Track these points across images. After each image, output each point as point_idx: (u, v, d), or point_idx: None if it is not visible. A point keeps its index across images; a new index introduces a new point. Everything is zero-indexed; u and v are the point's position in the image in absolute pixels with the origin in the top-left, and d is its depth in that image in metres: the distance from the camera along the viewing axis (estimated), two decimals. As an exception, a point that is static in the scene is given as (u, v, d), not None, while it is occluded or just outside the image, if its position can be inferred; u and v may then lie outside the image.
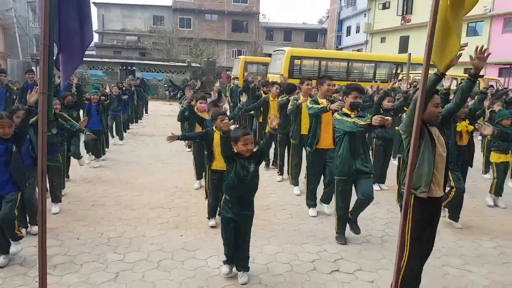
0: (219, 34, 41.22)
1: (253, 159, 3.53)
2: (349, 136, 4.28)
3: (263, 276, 3.67)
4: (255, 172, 3.54)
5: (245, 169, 3.47)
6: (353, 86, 4.47)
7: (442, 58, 2.44)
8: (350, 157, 4.29)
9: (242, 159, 3.49)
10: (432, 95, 3.01)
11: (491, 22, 25.19)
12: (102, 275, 3.60)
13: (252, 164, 3.52)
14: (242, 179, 3.46)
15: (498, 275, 3.88)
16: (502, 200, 6.10)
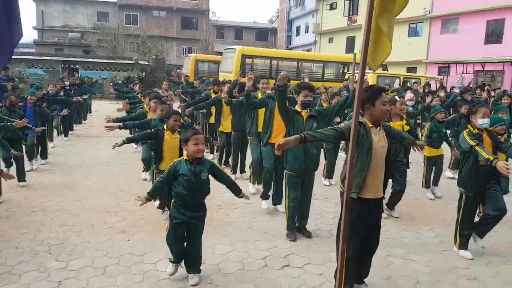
0: (167, 31, 40.41)
1: (207, 169, 3.45)
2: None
3: (214, 277, 3.64)
4: (207, 180, 3.47)
5: (197, 176, 3.38)
6: (303, 84, 4.55)
7: (375, 58, 2.53)
8: (303, 154, 4.39)
9: (193, 165, 3.39)
10: (380, 93, 3.08)
11: (431, 23, 26.67)
12: (44, 285, 3.41)
13: (205, 173, 3.43)
14: (193, 187, 3.37)
15: (438, 263, 4.11)
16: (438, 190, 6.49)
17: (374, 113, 3.07)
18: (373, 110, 3.06)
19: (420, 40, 27.44)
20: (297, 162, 4.41)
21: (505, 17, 22.11)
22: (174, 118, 4.52)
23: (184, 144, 3.41)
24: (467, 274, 3.88)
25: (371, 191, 3.10)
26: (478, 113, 4.17)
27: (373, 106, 3.05)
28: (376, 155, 3.06)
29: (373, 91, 3.08)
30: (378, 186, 3.14)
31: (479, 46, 23.13)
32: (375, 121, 3.11)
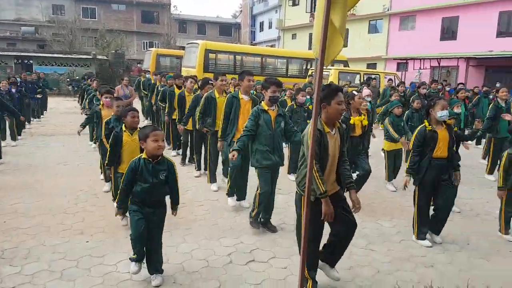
0: (127, 25, 39.34)
1: (165, 164, 3.35)
2: (270, 133, 4.42)
3: (178, 276, 3.59)
4: (165, 180, 3.37)
5: (155, 176, 3.29)
6: (271, 80, 4.56)
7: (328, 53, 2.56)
8: (269, 151, 4.44)
9: (150, 164, 3.29)
10: (336, 93, 3.12)
11: (390, 20, 27.45)
12: (-5, 292, 3.23)
13: (164, 172, 3.33)
14: (151, 187, 3.28)
15: (396, 252, 4.25)
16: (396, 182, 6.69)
17: (330, 111, 3.13)
18: (328, 108, 3.12)
19: (380, 37, 28.21)
20: (267, 159, 4.45)
21: (459, 15, 23.12)
22: (132, 115, 4.33)
23: (143, 142, 3.30)
24: (425, 262, 4.03)
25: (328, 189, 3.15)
26: (437, 106, 4.29)
27: (329, 105, 3.11)
28: (331, 159, 3.15)
29: (329, 90, 3.13)
30: (333, 184, 3.27)
31: (435, 42, 24.09)
32: (330, 120, 3.17)
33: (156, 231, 3.45)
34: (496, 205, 5.74)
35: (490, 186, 6.99)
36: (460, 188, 5.66)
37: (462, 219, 5.30)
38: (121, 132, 4.35)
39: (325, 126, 3.14)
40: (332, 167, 3.22)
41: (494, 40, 21.36)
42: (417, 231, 4.49)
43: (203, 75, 14.28)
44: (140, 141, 3.34)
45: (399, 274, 3.75)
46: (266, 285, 3.49)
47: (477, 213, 5.57)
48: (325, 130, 3.12)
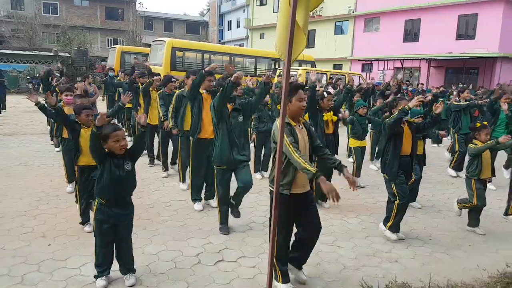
0: (91, 21, 38.24)
1: (128, 157, 3.29)
2: (226, 126, 4.37)
3: (144, 278, 3.51)
4: (132, 171, 3.31)
5: (120, 168, 3.21)
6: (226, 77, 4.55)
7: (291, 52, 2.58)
8: (228, 147, 4.37)
9: (116, 158, 3.23)
10: (296, 90, 3.18)
11: (355, 21, 28.07)
12: (-51, 300, 3.06)
13: (128, 163, 3.27)
14: (117, 181, 3.20)
15: (362, 248, 4.36)
16: (362, 180, 6.87)
17: (292, 108, 3.19)
18: (290, 106, 3.18)
19: (345, 38, 28.81)
20: (223, 156, 4.39)
21: (421, 17, 23.96)
22: (86, 113, 4.26)
23: (104, 143, 3.19)
24: (389, 257, 4.15)
25: (300, 186, 3.22)
26: (399, 106, 4.47)
27: (290, 102, 3.17)
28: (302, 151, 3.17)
29: (290, 88, 3.14)
30: (306, 180, 3.27)
31: (399, 44, 24.87)
32: (293, 117, 3.24)
33: (126, 233, 3.37)
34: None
35: (450, 183, 7.30)
36: (422, 185, 5.89)
37: (425, 215, 5.48)
38: (80, 126, 4.28)
39: (291, 121, 3.20)
40: None
41: (453, 42, 22.30)
42: (392, 224, 4.52)
43: (170, 73, 14.08)
44: (101, 142, 3.22)
45: (365, 270, 3.84)
46: (235, 284, 3.48)
47: (438, 209, 5.77)
48: (291, 123, 3.18)
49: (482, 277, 3.40)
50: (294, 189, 3.19)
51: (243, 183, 4.41)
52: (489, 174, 4.93)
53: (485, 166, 4.85)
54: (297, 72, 16.18)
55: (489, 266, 3.60)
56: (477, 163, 4.83)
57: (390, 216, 4.52)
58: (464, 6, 21.87)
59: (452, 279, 3.28)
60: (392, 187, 4.49)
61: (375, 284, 3.11)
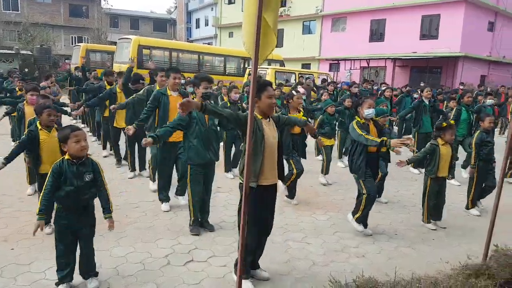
0: (54, 18, 36.96)
1: (89, 165, 3.15)
2: (202, 129, 4.38)
3: (112, 280, 3.44)
4: (91, 182, 3.15)
5: (79, 178, 3.08)
6: (202, 76, 4.53)
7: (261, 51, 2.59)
8: (203, 148, 4.38)
9: (74, 166, 3.07)
10: (265, 87, 3.23)
11: (322, 21, 28.48)
12: None
13: (90, 174, 3.13)
14: (76, 190, 3.06)
15: (331, 244, 4.44)
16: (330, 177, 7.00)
17: (261, 105, 3.25)
18: (259, 103, 3.23)
19: (313, 38, 29.19)
20: (199, 155, 4.39)
21: (386, 18, 24.59)
22: (47, 113, 4.09)
23: (63, 145, 3.07)
24: (357, 252, 4.25)
25: (268, 177, 3.28)
26: (364, 104, 4.60)
27: (259, 100, 3.22)
28: (268, 145, 3.24)
29: (258, 85, 3.22)
30: (273, 173, 3.33)
31: (365, 44, 25.44)
32: (263, 113, 3.29)
33: (87, 238, 3.25)
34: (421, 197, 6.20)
35: (415, 179, 7.54)
36: (387, 182, 6.06)
37: (390, 211, 5.64)
38: (37, 130, 4.08)
39: (258, 115, 3.26)
40: (271, 155, 3.27)
41: (418, 42, 23.04)
42: (359, 216, 4.61)
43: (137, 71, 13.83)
44: (61, 144, 3.10)
45: (333, 265, 3.92)
46: (205, 284, 3.47)
47: (404, 205, 5.96)
48: (257, 116, 3.24)
49: (445, 269, 3.53)
50: (261, 181, 3.24)
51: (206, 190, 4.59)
52: (445, 172, 5.06)
53: (443, 164, 4.97)
54: (266, 71, 16.26)
55: (452, 259, 3.73)
56: (435, 161, 4.96)
57: (359, 209, 4.63)
58: (427, 7, 22.63)
59: (417, 273, 3.38)
60: (360, 183, 4.59)
61: (343, 279, 3.17)
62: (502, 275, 3.23)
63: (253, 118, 2.80)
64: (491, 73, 24.30)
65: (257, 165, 3.18)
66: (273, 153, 3.30)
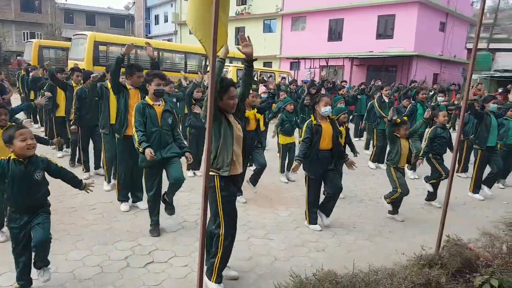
0: (4, 13, 35.10)
1: (38, 162, 3.02)
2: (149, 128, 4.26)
3: (68, 284, 3.32)
4: (42, 180, 3.04)
5: (28, 177, 2.94)
6: (154, 73, 4.42)
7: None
8: (156, 148, 4.23)
9: (22, 165, 2.94)
10: (228, 88, 3.20)
11: (282, 20, 28.71)
12: None
13: (40, 172, 3.00)
14: (26, 190, 2.93)
15: (292, 239, 4.51)
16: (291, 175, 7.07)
17: (222, 106, 3.22)
18: (221, 104, 3.20)
19: (274, 36, 29.38)
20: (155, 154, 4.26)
21: (344, 17, 25.15)
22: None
23: (9, 145, 2.92)
24: (317, 246, 4.34)
25: (236, 168, 3.31)
26: (321, 102, 4.70)
27: (221, 100, 3.19)
28: (237, 138, 3.28)
29: (221, 85, 3.19)
30: (240, 163, 3.40)
31: (324, 43, 25.91)
32: (225, 110, 3.28)
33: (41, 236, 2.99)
34: (378, 191, 6.44)
35: (372, 174, 7.80)
36: (345, 177, 6.21)
37: (349, 205, 5.81)
38: None
39: None
40: (238, 145, 3.32)
41: (374, 42, 23.73)
42: (308, 217, 4.83)
43: (93, 68, 13.39)
44: (6, 145, 2.95)
45: (294, 260, 3.98)
46: (166, 285, 3.42)
47: (361, 199, 6.15)
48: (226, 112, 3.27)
49: (401, 261, 3.66)
50: (232, 171, 3.27)
51: (174, 179, 4.28)
52: (404, 163, 5.32)
53: (403, 155, 5.21)
54: (228, 69, 16.21)
55: (408, 250, 3.87)
56: (396, 152, 5.20)
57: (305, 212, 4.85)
58: (383, 7, 23.35)
59: (374, 264, 3.49)
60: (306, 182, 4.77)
61: (303, 274, 3.22)
62: (454, 264, 3.39)
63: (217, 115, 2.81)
64: (443, 72, 25.48)
65: (228, 155, 3.21)
66: (240, 144, 3.36)
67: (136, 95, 5.00)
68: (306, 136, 4.67)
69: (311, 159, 4.66)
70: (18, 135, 2.89)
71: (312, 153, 4.65)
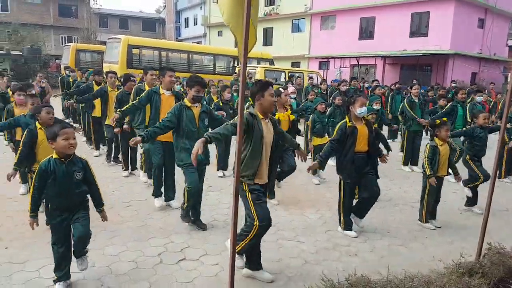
0: (43, 18, 36.55)
1: (78, 163, 3.14)
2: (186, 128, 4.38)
3: (105, 279, 3.44)
4: (82, 180, 3.15)
5: (69, 177, 3.06)
6: (196, 79, 4.52)
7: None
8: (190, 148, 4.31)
9: (63, 165, 3.05)
10: (268, 86, 3.34)
11: (311, 20, 28.52)
12: None
13: (80, 172, 3.11)
14: (67, 190, 3.05)
15: (322, 242, 4.45)
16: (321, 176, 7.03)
17: (264, 103, 3.35)
18: (263, 100, 3.34)
19: (303, 36, 29.22)
20: (188, 156, 4.34)
21: (375, 15, 24.70)
22: (46, 111, 4.11)
23: (52, 142, 3.05)
24: (349, 251, 4.26)
25: (261, 177, 3.35)
26: (356, 102, 4.51)
27: (263, 97, 3.34)
28: (266, 145, 3.30)
29: (262, 83, 3.41)
30: (265, 173, 3.41)
31: (354, 41, 25.53)
32: (263, 111, 3.38)
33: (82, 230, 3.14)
34: (413, 195, 6.27)
35: (407, 177, 7.57)
36: (379, 180, 6.06)
37: (382, 209, 5.64)
38: (36, 129, 4.08)
39: (259, 115, 3.35)
40: (266, 155, 3.36)
41: (407, 40, 23.16)
42: (344, 223, 4.67)
43: (127, 71, 13.76)
44: (49, 141, 3.08)
45: (326, 264, 3.94)
46: (197, 282, 3.47)
47: (395, 203, 5.97)
48: (259, 116, 3.33)
49: (438, 268, 3.52)
50: (257, 180, 3.31)
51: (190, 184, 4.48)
52: (445, 172, 5.01)
53: (442, 164, 4.91)
54: (255, 70, 16.27)
55: (445, 257, 3.73)
56: (435, 161, 4.87)
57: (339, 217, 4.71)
58: (416, 4, 22.76)
59: (410, 271, 3.38)
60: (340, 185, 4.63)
61: (335, 278, 3.18)
62: (496, 274, 3.23)
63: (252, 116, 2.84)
64: (482, 71, 24.52)
65: (255, 165, 3.24)
66: (268, 154, 3.39)
67: (169, 101, 5.08)
68: (335, 138, 4.52)
69: (346, 163, 4.50)
70: (62, 134, 3.01)
71: (347, 157, 4.49)
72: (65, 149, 3.03)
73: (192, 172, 4.45)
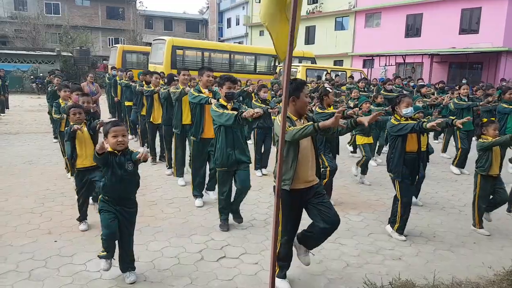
0: (92, 21, 38.29)
1: (128, 155, 3.29)
2: (225, 128, 4.38)
3: (148, 273, 3.54)
4: (134, 171, 3.31)
5: (122, 168, 3.23)
6: (226, 77, 4.55)
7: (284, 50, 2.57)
8: (228, 148, 4.39)
9: (118, 157, 3.24)
10: (303, 86, 3.22)
11: (355, 17, 27.96)
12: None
13: (130, 163, 3.27)
14: (120, 180, 3.22)
15: (365, 245, 4.35)
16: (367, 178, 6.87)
17: (298, 104, 3.21)
18: (297, 101, 3.20)
19: (346, 34, 28.70)
20: (224, 158, 4.42)
21: (422, 12, 23.83)
22: (73, 112, 4.39)
23: (105, 138, 3.26)
24: (393, 255, 4.13)
25: (302, 181, 3.21)
26: (402, 103, 4.40)
27: (298, 98, 3.19)
28: (303, 147, 3.19)
29: (297, 84, 3.22)
30: (309, 175, 3.26)
31: (400, 39, 24.76)
32: (298, 112, 3.26)
33: (128, 231, 3.38)
34: (461, 198, 6.00)
35: (454, 180, 7.25)
36: (425, 182, 5.85)
37: (428, 213, 5.45)
38: (73, 125, 4.34)
39: (292, 116, 3.23)
40: (307, 157, 3.22)
41: (457, 37, 22.15)
42: (399, 225, 4.50)
43: (171, 71, 14.10)
44: (104, 138, 3.27)
45: (368, 267, 3.84)
46: (238, 280, 3.50)
47: (442, 206, 5.74)
48: (292, 118, 3.21)
49: (488, 274, 3.36)
50: (295, 184, 3.18)
51: (241, 185, 4.52)
52: (497, 171, 4.77)
53: (495, 161, 4.69)
54: (297, 69, 16.17)
55: (495, 264, 3.55)
56: (487, 156, 4.67)
57: (396, 218, 4.50)
58: (467, 0, 21.72)
59: (457, 277, 3.24)
60: (396, 184, 4.46)
61: (379, 282, 3.10)
62: (550, 282, 3.06)
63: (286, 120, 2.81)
64: (537, 69, 23.02)
65: (290, 169, 3.14)
66: (308, 155, 3.24)
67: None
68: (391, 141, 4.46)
69: (398, 162, 4.38)
70: (112, 132, 3.21)
71: (398, 157, 4.39)
72: (114, 145, 3.22)
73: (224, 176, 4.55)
